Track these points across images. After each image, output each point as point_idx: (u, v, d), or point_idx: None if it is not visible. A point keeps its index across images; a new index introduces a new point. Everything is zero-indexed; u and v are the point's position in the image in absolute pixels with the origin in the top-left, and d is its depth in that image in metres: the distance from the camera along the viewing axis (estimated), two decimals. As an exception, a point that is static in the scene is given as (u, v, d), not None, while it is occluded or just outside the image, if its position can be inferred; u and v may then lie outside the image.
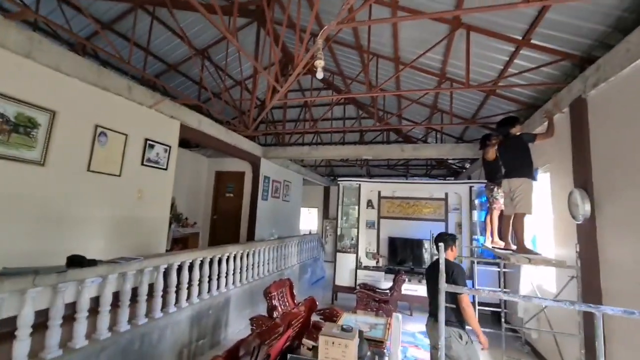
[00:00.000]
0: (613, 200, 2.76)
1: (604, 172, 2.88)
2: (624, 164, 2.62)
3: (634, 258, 2.50)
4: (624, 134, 2.62)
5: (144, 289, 3.06)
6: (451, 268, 2.67)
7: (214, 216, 7.79)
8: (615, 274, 2.71)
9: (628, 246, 2.57)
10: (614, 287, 2.74)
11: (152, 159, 4.30)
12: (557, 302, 1.41)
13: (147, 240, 4.28)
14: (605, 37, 3.02)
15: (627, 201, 2.58)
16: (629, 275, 2.55)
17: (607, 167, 2.85)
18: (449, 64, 4.86)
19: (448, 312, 2.54)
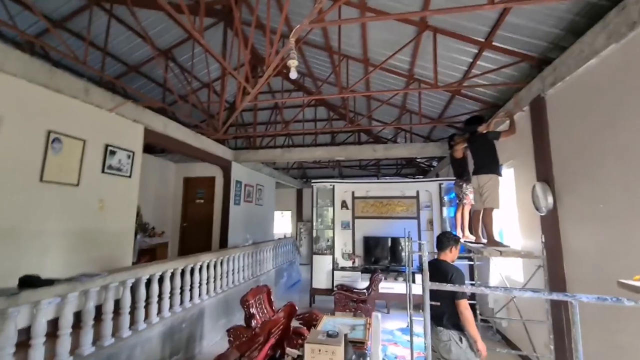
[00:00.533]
0: (572, 192, 2.94)
1: (563, 166, 3.06)
2: (581, 157, 2.80)
3: (593, 246, 2.67)
4: (580, 130, 2.80)
5: (109, 306, 2.83)
6: (450, 271, 2.58)
7: (183, 224, 7.46)
8: (577, 261, 2.89)
9: (587, 235, 2.74)
10: (576, 274, 2.91)
11: (114, 166, 4.02)
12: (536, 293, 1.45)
13: (111, 253, 3.99)
14: (559, 39, 3.23)
15: (585, 193, 2.76)
16: (589, 262, 2.72)
17: (565, 161, 3.03)
18: (416, 65, 4.99)
19: (447, 315, 2.53)
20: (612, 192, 2.42)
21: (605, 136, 2.48)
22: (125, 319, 3.00)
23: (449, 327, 2.52)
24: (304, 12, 4.91)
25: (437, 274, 2.60)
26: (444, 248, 2.79)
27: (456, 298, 2.49)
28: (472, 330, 2.45)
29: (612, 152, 2.42)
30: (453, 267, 2.67)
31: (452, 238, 2.85)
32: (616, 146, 2.36)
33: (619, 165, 2.35)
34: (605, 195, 2.47)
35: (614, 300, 1.28)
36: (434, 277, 2.59)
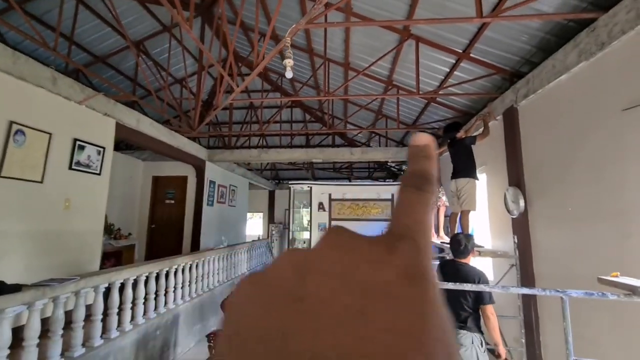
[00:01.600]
0: (542, 196, 3.18)
1: (534, 172, 3.31)
2: (551, 164, 3.05)
3: (560, 246, 2.91)
4: (550, 139, 3.04)
5: (80, 313, 2.62)
6: (476, 275, 2.46)
7: (151, 225, 7.08)
8: (545, 260, 3.13)
9: (556, 236, 2.98)
10: (544, 272, 3.15)
11: (83, 162, 3.73)
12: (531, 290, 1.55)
13: (77, 257, 3.69)
14: (531, 55, 3.49)
15: (554, 197, 3.00)
16: (557, 261, 2.96)
17: (536, 168, 3.28)
18: (396, 72, 5.15)
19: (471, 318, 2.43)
20: (580, 197, 2.65)
21: (573, 145, 2.72)
22: (96, 327, 2.78)
23: (473, 330, 2.41)
24: (289, 12, 4.89)
25: (457, 277, 2.49)
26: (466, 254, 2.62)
27: (483, 303, 2.38)
28: (497, 335, 2.38)
29: (580, 160, 2.65)
30: (478, 271, 2.53)
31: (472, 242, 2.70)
32: (584, 155, 2.60)
33: (586, 172, 2.58)
34: (573, 199, 2.70)
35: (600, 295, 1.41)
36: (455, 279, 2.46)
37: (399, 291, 0.16)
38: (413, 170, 0.22)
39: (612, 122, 2.32)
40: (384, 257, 0.17)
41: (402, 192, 0.22)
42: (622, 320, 2.20)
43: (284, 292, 0.17)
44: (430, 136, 0.24)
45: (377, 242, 0.18)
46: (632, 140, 2.19)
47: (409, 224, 0.20)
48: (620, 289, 1.46)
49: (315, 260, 0.18)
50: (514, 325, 3.37)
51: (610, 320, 2.28)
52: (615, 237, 2.30)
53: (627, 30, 2.13)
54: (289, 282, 0.17)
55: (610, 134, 2.35)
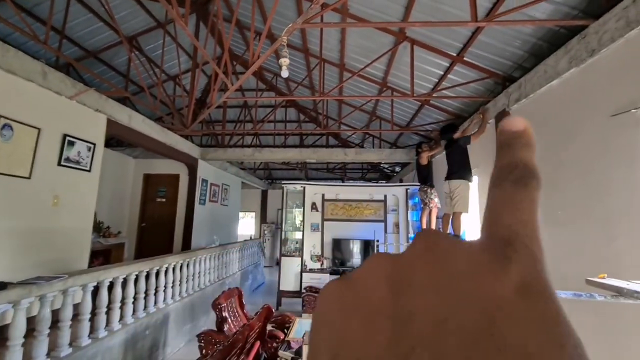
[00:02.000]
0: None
1: (525, 175, 3.36)
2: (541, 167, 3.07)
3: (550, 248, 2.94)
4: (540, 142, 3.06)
5: (68, 312, 2.56)
6: None
7: (142, 224, 6.99)
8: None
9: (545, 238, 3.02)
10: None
11: (73, 158, 3.66)
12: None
13: (65, 254, 3.62)
14: (523, 60, 3.55)
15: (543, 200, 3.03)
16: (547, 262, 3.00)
17: (527, 171, 3.33)
18: (391, 74, 5.18)
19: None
20: (568, 199, 2.70)
21: (564, 149, 2.77)
22: (84, 326, 2.73)
23: None
24: (285, 12, 4.89)
25: None
26: None
27: None
28: None
29: (569, 163, 2.71)
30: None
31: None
32: (573, 158, 2.65)
33: (574, 176, 2.63)
34: (562, 202, 2.75)
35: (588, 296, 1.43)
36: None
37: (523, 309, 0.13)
38: (511, 161, 0.18)
39: (601, 127, 2.37)
40: (496, 268, 0.14)
41: (499, 188, 0.18)
42: (606, 320, 2.26)
43: (384, 311, 0.15)
44: (526, 120, 0.20)
45: (483, 249, 0.16)
46: (618, 145, 2.24)
47: (514, 226, 0.16)
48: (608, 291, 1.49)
49: (411, 270, 0.16)
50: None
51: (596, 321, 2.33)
52: (602, 240, 2.36)
53: (616, 38, 2.18)
54: (387, 299, 0.15)
55: (599, 139, 2.40)
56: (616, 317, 2.16)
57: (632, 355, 2.08)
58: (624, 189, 2.20)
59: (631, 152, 2.14)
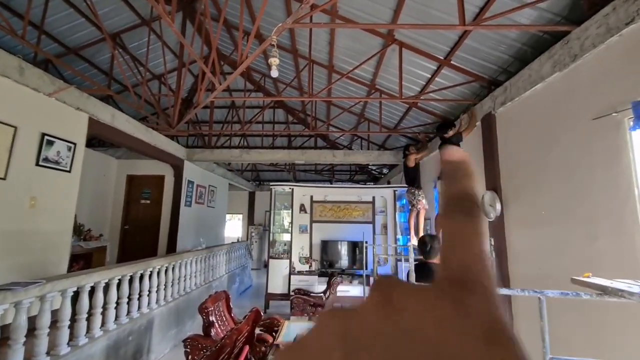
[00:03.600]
0: (517, 200, 3.31)
1: (509, 176, 3.43)
2: (525, 169, 3.17)
3: (534, 248, 3.02)
4: (525, 145, 3.17)
5: (46, 320, 2.45)
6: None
7: (124, 226, 6.79)
8: (519, 262, 3.25)
9: (529, 238, 3.10)
10: (518, 273, 3.27)
11: (52, 158, 3.51)
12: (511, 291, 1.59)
13: (43, 258, 3.47)
14: (508, 64, 3.63)
15: (528, 201, 3.12)
16: (530, 262, 3.07)
17: (511, 172, 3.40)
18: (379, 76, 5.21)
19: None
20: (552, 200, 2.77)
21: (548, 151, 2.84)
22: (63, 334, 2.62)
23: None
24: (274, 12, 4.86)
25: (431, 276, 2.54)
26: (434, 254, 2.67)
27: None
28: None
29: (553, 165, 2.77)
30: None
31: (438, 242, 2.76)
32: (557, 160, 2.72)
33: (557, 177, 2.70)
34: (546, 202, 2.82)
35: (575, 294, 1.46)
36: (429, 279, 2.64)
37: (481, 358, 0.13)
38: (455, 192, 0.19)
39: (582, 130, 2.44)
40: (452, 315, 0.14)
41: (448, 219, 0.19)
42: (590, 318, 2.31)
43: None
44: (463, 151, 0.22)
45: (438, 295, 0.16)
46: (599, 147, 2.31)
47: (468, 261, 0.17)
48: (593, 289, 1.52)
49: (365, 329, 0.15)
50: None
51: (580, 319, 2.38)
52: (584, 239, 2.42)
53: (597, 44, 2.25)
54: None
55: (580, 142, 2.47)
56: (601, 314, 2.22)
57: (616, 349, 2.13)
58: (605, 190, 2.27)
59: (612, 155, 2.21)
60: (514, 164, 3.34)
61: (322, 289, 5.89)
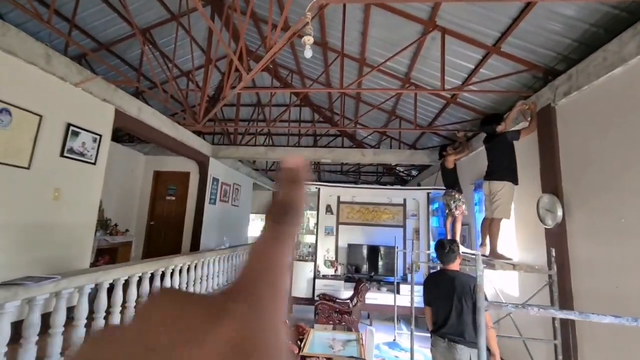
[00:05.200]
0: (583, 205, 2.84)
1: (574, 179, 2.96)
2: (596, 170, 2.70)
3: (605, 261, 2.56)
4: (597, 141, 2.71)
5: (60, 318, 2.30)
6: (471, 281, 2.38)
7: (150, 222, 6.78)
8: (586, 277, 2.77)
9: (600, 250, 2.63)
10: (584, 290, 2.80)
11: (77, 149, 3.43)
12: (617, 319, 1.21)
13: (66, 252, 3.39)
14: (570, 50, 3.16)
15: (599, 206, 2.66)
16: (600, 278, 2.60)
17: (576, 174, 2.93)
18: (414, 69, 4.84)
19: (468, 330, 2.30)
20: (634, 207, 2.31)
21: (627, 147, 2.38)
22: (79, 333, 2.46)
23: (470, 345, 2.27)
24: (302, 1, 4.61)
25: (452, 287, 2.41)
26: (453, 258, 2.57)
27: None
28: (495, 345, 2.30)
29: (635, 164, 2.32)
30: (470, 276, 2.48)
31: (457, 246, 2.65)
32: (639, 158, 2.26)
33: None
34: (629, 209, 2.36)
35: None
36: (449, 290, 2.40)
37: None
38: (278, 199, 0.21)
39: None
40: (207, 329, 0.14)
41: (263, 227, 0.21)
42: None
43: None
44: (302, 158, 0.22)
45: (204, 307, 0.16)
46: None
47: (257, 270, 0.18)
48: None
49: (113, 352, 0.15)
50: (540, 349, 3.02)
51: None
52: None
53: None
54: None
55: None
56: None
57: None
58: None
59: None
60: (581, 163, 2.88)
61: (349, 295, 5.56)
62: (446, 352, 2.37)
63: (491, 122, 3.46)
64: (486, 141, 3.52)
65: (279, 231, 0.18)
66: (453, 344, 2.32)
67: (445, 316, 2.40)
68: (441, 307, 2.44)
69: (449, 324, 2.36)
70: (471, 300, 2.33)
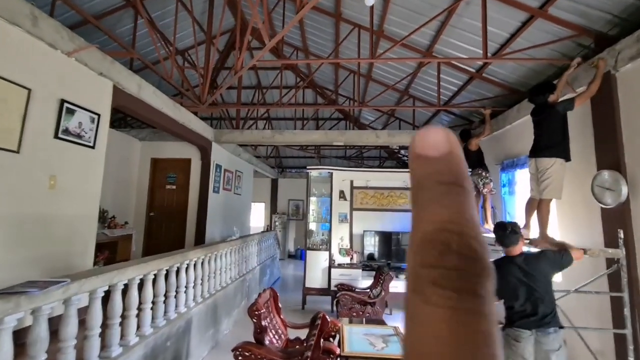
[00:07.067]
0: (653, 182, 2.57)
1: (639, 154, 2.68)
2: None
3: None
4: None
5: (71, 329, 1.91)
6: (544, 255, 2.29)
7: (150, 213, 6.33)
8: (656, 260, 2.53)
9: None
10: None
11: (73, 130, 2.96)
12: None
13: (65, 248, 2.96)
14: (629, 12, 2.83)
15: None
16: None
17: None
18: (439, 41, 4.45)
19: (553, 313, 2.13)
20: None
21: None
22: (93, 344, 2.08)
23: (558, 330, 2.09)
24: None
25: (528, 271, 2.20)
26: (516, 240, 2.32)
27: (569, 260, 2.28)
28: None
29: None
30: (541, 253, 2.33)
31: (518, 226, 2.41)
32: None
33: None
34: None
35: None
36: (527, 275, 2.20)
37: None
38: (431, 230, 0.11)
39: None
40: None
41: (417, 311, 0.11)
42: None
43: None
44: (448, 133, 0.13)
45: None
46: None
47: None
48: None
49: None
50: (594, 339, 2.80)
51: None
52: None
53: None
54: None
55: None
56: None
57: None
58: None
59: None
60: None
61: (367, 285, 5.29)
62: (535, 342, 2.09)
63: (544, 91, 3.09)
64: (535, 114, 3.17)
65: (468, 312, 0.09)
66: (544, 331, 2.08)
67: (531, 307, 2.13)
68: (521, 298, 2.17)
69: (537, 314, 2.11)
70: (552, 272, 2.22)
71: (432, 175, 0.12)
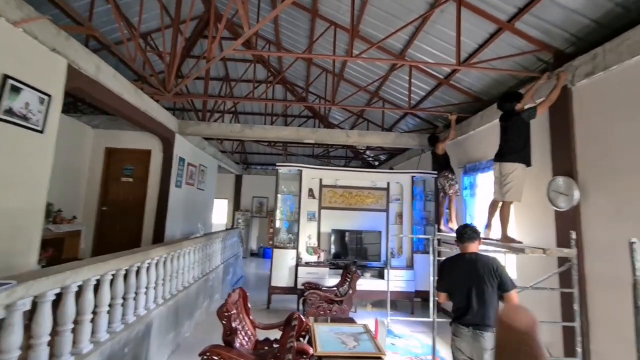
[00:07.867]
0: (601, 188, 2.83)
1: (591, 162, 2.95)
2: (617, 153, 2.69)
3: (624, 245, 2.56)
4: (621, 124, 2.68)
5: (15, 338, 1.66)
6: (493, 262, 2.30)
7: (102, 208, 5.81)
8: (601, 260, 2.80)
9: (618, 234, 2.63)
10: (597, 273, 2.83)
11: (18, 111, 2.59)
12: None
13: (7, 245, 2.59)
14: (586, 32, 3.10)
15: (619, 189, 2.66)
16: (618, 261, 2.60)
17: (594, 157, 2.92)
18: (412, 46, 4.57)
19: (493, 314, 2.20)
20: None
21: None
22: (40, 354, 1.84)
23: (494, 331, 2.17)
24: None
25: (471, 267, 2.31)
26: (474, 239, 2.47)
27: (506, 290, 2.23)
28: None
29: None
30: (491, 257, 2.39)
31: (477, 230, 2.55)
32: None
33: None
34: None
35: None
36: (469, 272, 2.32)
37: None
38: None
39: None
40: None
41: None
42: None
43: None
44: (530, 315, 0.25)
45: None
46: None
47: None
48: None
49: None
50: (551, 333, 3.05)
51: None
52: None
53: None
54: None
55: None
56: None
57: None
58: None
59: None
60: (602, 146, 2.85)
61: (334, 283, 5.31)
62: (472, 340, 2.22)
63: (511, 99, 3.31)
64: (503, 119, 3.37)
65: None
66: (479, 331, 2.20)
67: (467, 303, 2.28)
68: (461, 294, 2.31)
69: (472, 311, 2.24)
70: (495, 281, 2.25)
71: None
